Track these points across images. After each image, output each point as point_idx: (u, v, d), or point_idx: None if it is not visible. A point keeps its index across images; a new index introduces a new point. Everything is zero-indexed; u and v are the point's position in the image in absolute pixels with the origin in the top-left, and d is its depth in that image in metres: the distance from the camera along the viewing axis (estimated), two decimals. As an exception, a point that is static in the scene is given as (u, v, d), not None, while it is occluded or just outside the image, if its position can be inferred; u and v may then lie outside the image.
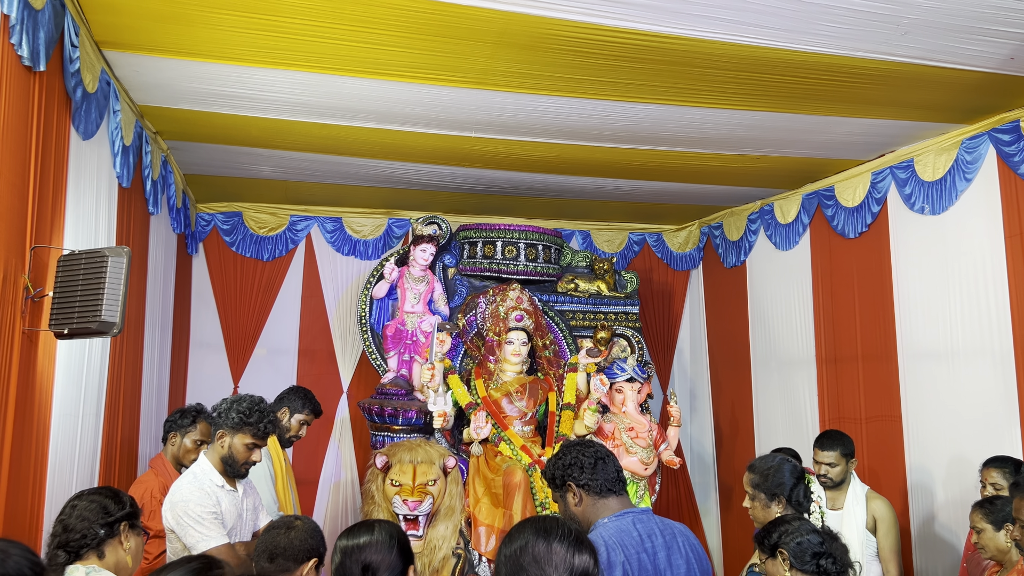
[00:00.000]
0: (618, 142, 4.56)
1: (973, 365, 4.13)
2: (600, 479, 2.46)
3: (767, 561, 2.53)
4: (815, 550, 2.42)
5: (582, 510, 2.46)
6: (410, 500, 4.14)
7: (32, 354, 2.78)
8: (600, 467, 2.48)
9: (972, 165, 4.15)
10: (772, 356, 5.80)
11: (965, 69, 3.48)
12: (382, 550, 2.19)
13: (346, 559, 2.19)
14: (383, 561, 2.17)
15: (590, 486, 2.45)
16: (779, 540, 2.48)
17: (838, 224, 5.12)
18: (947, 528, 4.24)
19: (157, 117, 4.24)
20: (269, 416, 3.10)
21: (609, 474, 2.48)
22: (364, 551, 2.18)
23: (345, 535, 2.27)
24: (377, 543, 2.20)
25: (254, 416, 3.04)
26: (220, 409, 3.11)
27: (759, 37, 3.22)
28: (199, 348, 6.02)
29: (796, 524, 2.52)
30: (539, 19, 3.08)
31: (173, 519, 2.94)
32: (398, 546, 2.23)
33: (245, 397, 3.13)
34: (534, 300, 5.43)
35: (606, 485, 2.46)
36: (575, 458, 2.50)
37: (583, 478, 2.46)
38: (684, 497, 6.56)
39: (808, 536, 2.45)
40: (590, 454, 2.51)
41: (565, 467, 2.50)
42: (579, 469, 2.47)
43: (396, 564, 2.20)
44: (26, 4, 2.55)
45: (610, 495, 2.46)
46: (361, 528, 2.28)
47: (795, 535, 2.46)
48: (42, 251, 2.83)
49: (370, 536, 2.22)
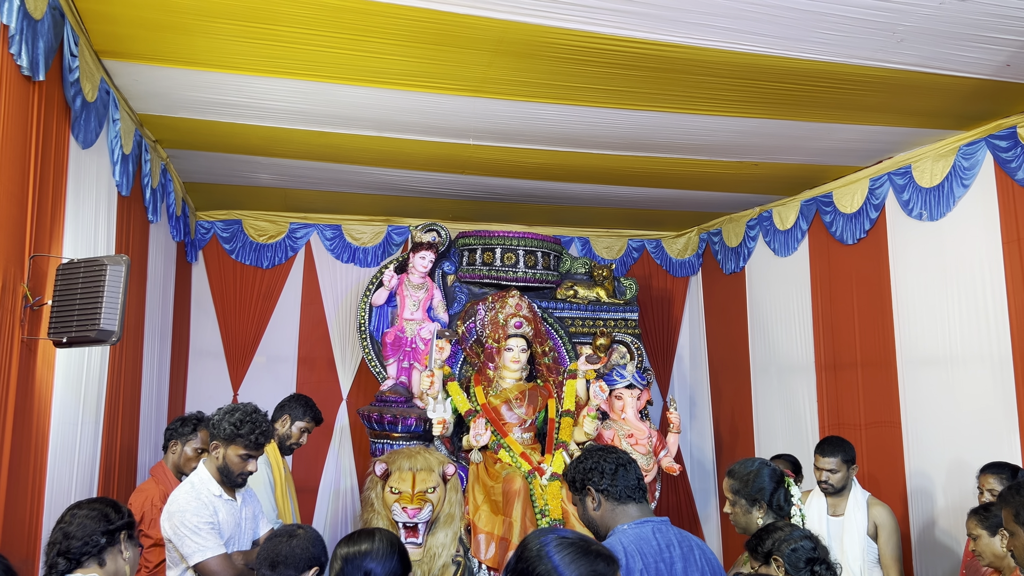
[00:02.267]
0: (616, 149, 4.57)
1: (972, 371, 4.13)
2: (620, 485, 2.46)
3: (761, 567, 2.53)
4: (809, 555, 2.43)
5: (600, 515, 2.47)
6: (409, 508, 4.13)
7: (31, 362, 2.78)
8: (621, 473, 2.48)
9: (969, 171, 4.16)
10: (772, 362, 5.80)
11: (962, 76, 3.49)
12: (383, 558, 2.20)
13: (347, 566, 2.20)
14: (384, 569, 2.18)
15: (610, 492, 2.45)
16: (773, 547, 2.49)
17: (837, 230, 5.12)
18: (947, 534, 4.23)
19: (156, 126, 4.26)
20: (262, 427, 3.06)
21: (630, 481, 2.48)
22: (365, 559, 2.20)
23: (345, 542, 2.29)
24: (378, 551, 2.22)
25: (245, 428, 3.02)
26: (214, 420, 3.09)
27: (756, 45, 3.23)
28: (199, 356, 6.02)
29: (788, 531, 2.52)
30: (536, 27, 3.09)
31: (170, 529, 2.94)
32: (398, 555, 2.25)
33: (239, 407, 3.10)
34: (533, 307, 5.43)
35: (626, 492, 2.46)
36: (596, 463, 2.50)
37: (603, 483, 2.46)
38: (684, 503, 6.56)
39: (801, 543, 2.46)
40: (612, 460, 2.50)
41: (586, 471, 2.50)
42: (599, 474, 2.47)
43: (396, 572, 2.21)
44: (25, 14, 2.56)
45: (629, 502, 2.46)
46: (362, 536, 2.29)
47: (789, 542, 2.47)
48: (41, 260, 2.83)
49: (371, 544, 2.24)
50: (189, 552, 2.89)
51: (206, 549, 2.89)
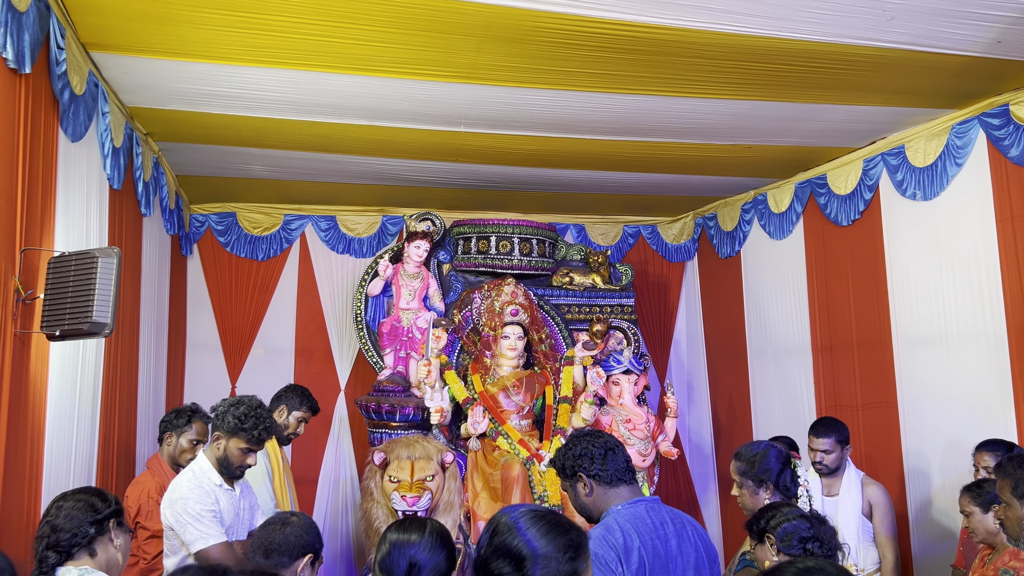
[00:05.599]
0: (609, 134, 4.55)
1: (967, 349, 4.14)
2: (610, 469, 2.48)
3: (756, 547, 2.54)
4: (802, 534, 2.44)
5: (593, 500, 2.49)
6: (409, 496, 4.14)
7: (24, 356, 2.78)
8: (610, 457, 2.50)
9: (963, 150, 4.16)
10: (768, 345, 5.80)
11: (953, 54, 3.48)
12: (430, 551, 2.21)
13: (394, 551, 2.21)
14: (430, 561, 2.19)
15: (600, 476, 2.48)
16: (767, 525, 2.50)
17: (831, 212, 5.12)
18: (944, 513, 4.25)
19: (147, 118, 4.24)
20: (265, 423, 3.08)
21: (619, 464, 2.51)
22: (414, 548, 2.20)
23: (396, 528, 2.30)
24: (427, 543, 2.22)
25: (249, 422, 3.03)
26: (218, 411, 3.11)
27: (745, 26, 3.21)
28: (196, 349, 6.02)
29: (785, 510, 2.53)
30: (525, 12, 3.08)
31: (172, 516, 2.95)
32: (446, 550, 2.25)
33: (244, 400, 3.11)
34: (529, 294, 5.43)
35: (616, 474, 2.49)
36: (585, 448, 2.52)
37: (593, 468, 2.48)
38: (683, 488, 6.58)
39: (796, 521, 2.47)
40: (600, 444, 2.53)
41: (575, 457, 2.52)
42: (589, 459, 2.50)
43: (442, 567, 2.22)
44: (10, 6, 2.55)
45: (621, 484, 2.49)
46: (413, 524, 2.30)
47: (782, 520, 2.48)
48: (32, 253, 2.83)
49: (420, 535, 2.24)
50: (191, 539, 2.90)
51: (208, 536, 2.91)
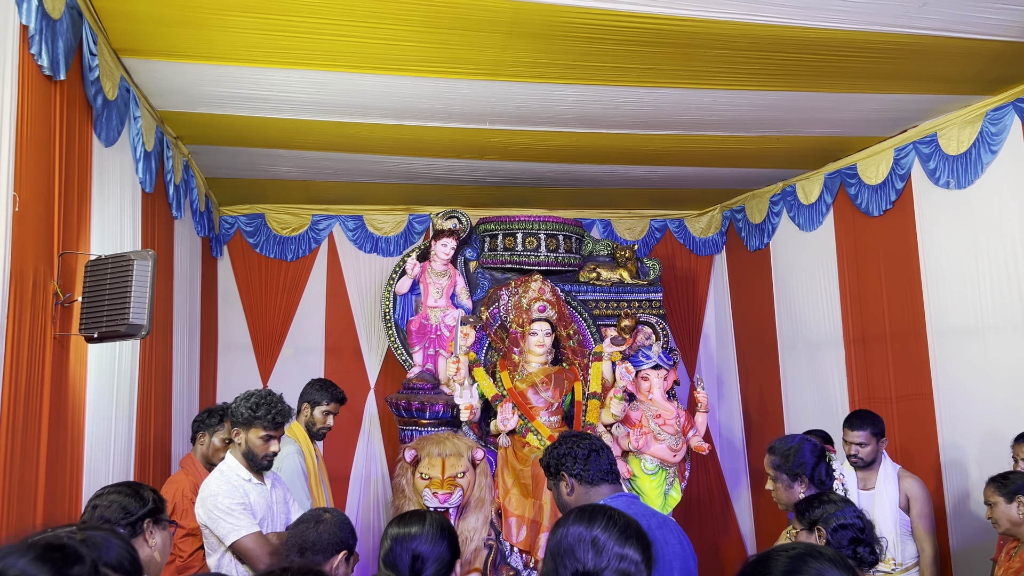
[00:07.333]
0: (635, 128, 4.53)
1: (1004, 340, 4.06)
2: (592, 470, 2.54)
3: (801, 532, 2.51)
4: (854, 536, 2.40)
5: (574, 499, 2.54)
6: (440, 493, 4.16)
7: (64, 359, 2.83)
8: (594, 458, 2.56)
9: (997, 137, 4.08)
10: (799, 338, 5.74)
11: (986, 39, 3.41)
12: (432, 542, 2.23)
13: (396, 546, 2.23)
14: (432, 552, 2.21)
15: (583, 476, 2.54)
16: (820, 518, 2.46)
17: (862, 202, 5.05)
18: (982, 506, 4.14)
19: (177, 122, 4.29)
20: (278, 406, 3.13)
21: (602, 465, 2.56)
22: (415, 540, 2.23)
23: (396, 523, 2.32)
24: (428, 535, 2.24)
25: (261, 410, 3.09)
26: (231, 408, 3.18)
27: (774, 16, 3.18)
28: (227, 349, 6.09)
29: (841, 505, 2.49)
30: (550, 7, 3.07)
31: (205, 514, 3.02)
32: (448, 540, 2.28)
33: (253, 392, 3.18)
34: (556, 290, 5.42)
35: (599, 475, 2.55)
36: (569, 449, 2.59)
37: (576, 468, 2.55)
38: (715, 483, 6.53)
39: (852, 520, 2.43)
40: (584, 446, 2.59)
41: (559, 457, 2.59)
42: (572, 459, 2.56)
43: (444, 557, 2.24)
44: (44, 14, 2.59)
45: (603, 483, 2.55)
46: (413, 518, 2.32)
47: (838, 518, 2.43)
48: (70, 257, 2.88)
49: (421, 527, 2.27)
50: (224, 532, 2.96)
51: (240, 528, 2.96)
